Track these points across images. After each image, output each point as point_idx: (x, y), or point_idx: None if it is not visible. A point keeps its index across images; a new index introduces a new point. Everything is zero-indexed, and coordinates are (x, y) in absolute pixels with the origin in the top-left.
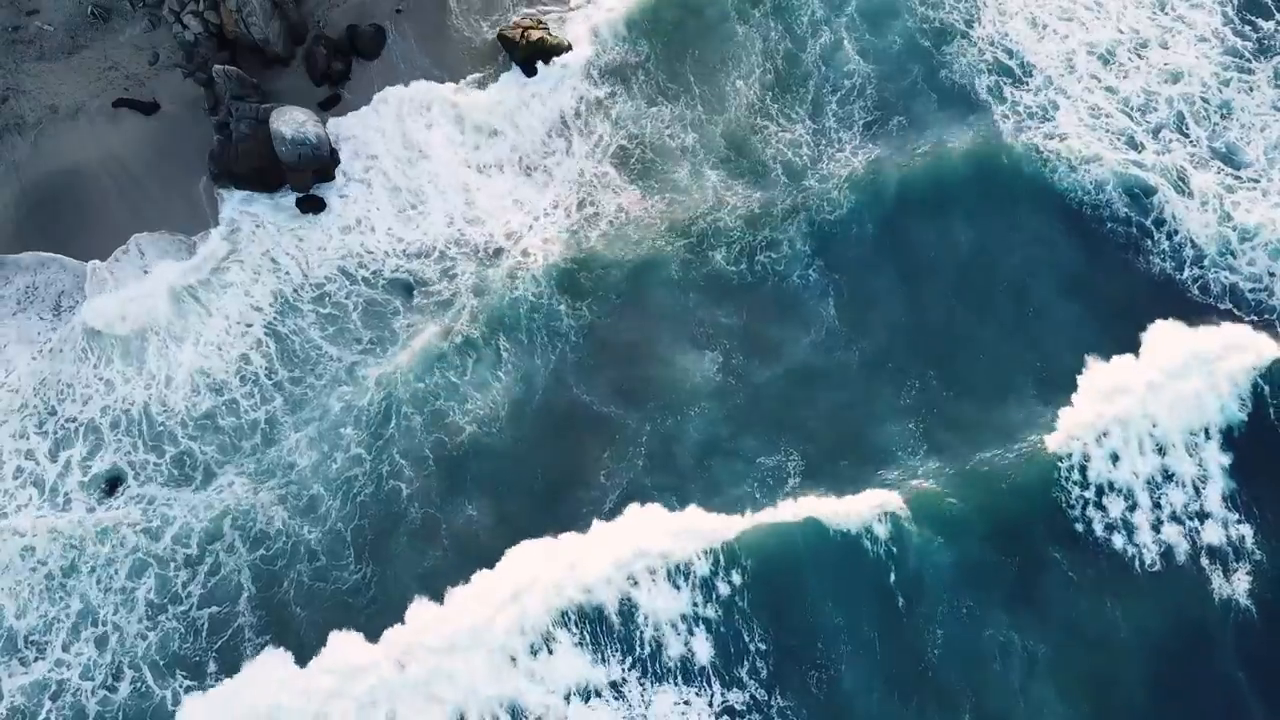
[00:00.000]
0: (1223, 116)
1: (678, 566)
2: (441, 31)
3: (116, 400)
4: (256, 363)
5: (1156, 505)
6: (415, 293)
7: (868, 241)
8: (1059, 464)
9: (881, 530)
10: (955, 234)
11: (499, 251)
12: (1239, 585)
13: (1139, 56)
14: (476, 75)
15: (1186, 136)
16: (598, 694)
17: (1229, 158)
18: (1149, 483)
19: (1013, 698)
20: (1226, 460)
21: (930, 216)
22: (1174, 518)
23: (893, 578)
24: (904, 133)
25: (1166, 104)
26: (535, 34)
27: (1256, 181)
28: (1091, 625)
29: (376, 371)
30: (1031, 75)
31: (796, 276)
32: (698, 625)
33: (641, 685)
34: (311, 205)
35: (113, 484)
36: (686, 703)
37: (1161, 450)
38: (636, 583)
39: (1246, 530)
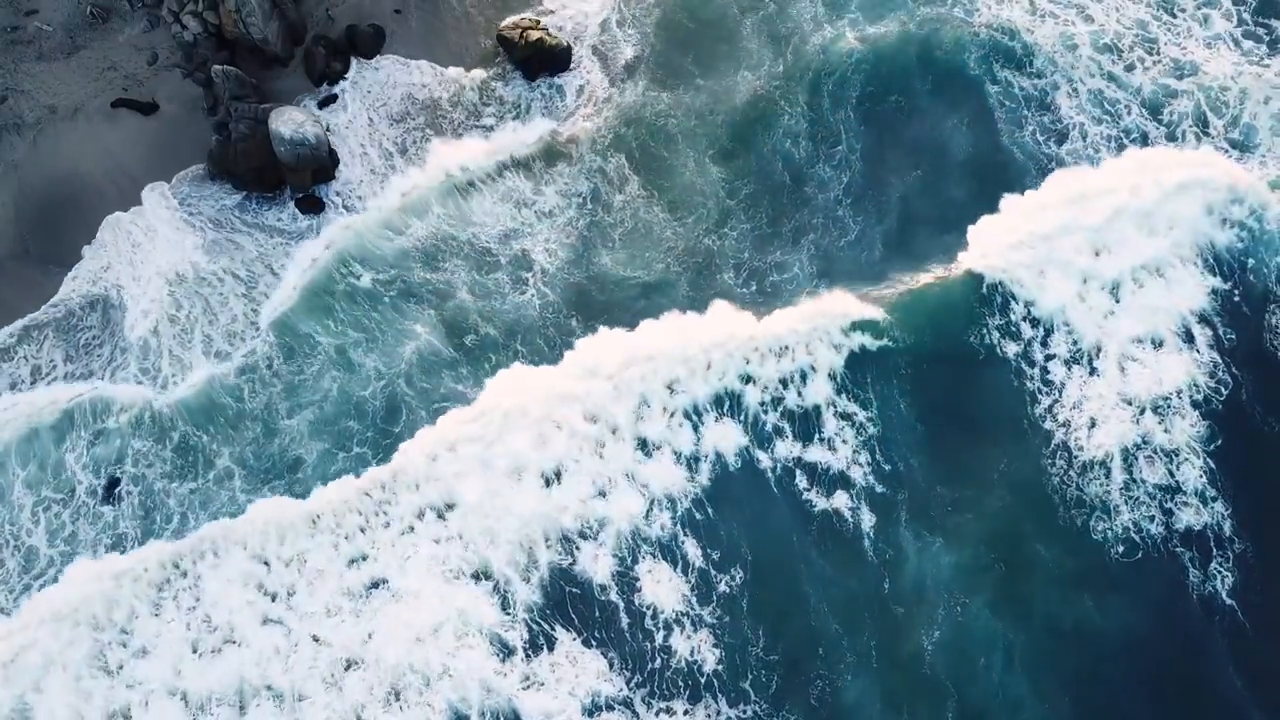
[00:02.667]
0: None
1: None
2: (440, 32)
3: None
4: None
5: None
6: (411, 298)
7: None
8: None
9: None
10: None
11: (499, 258)
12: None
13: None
14: (478, 72)
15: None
16: None
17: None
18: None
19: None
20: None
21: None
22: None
23: None
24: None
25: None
26: (534, 34)
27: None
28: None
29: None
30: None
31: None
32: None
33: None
34: (310, 206)
35: (112, 484)
36: None
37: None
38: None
39: None
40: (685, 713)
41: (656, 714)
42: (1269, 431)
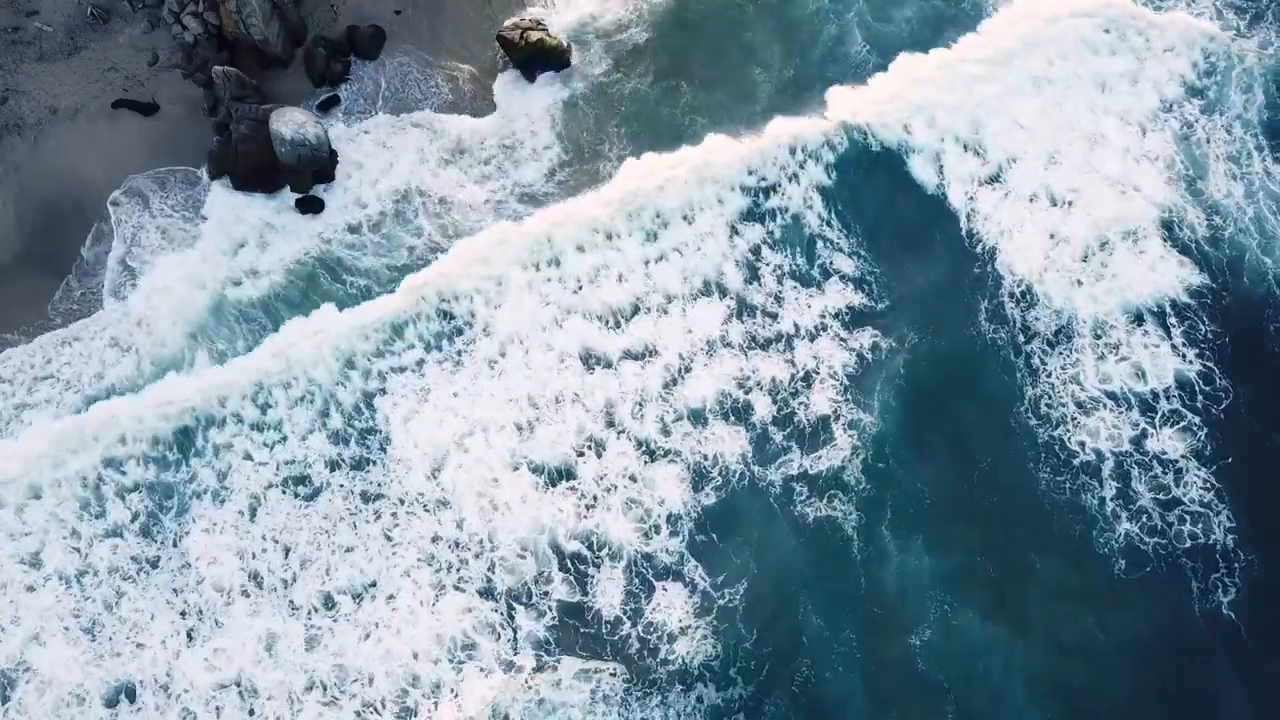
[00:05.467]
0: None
1: None
2: (439, 33)
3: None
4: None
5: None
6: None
7: None
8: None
9: None
10: None
11: None
12: None
13: None
14: (478, 72)
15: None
16: None
17: None
18: None
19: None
20: None
21: None
22: None
23: None
24: None
25: None
26: (534, 35)
27: None
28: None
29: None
30: None
31: None
32: None
33: None
34: (311, 206)
35: None
36: None
37: None
38: None
39: None
40: None
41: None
42: (1270, 442)
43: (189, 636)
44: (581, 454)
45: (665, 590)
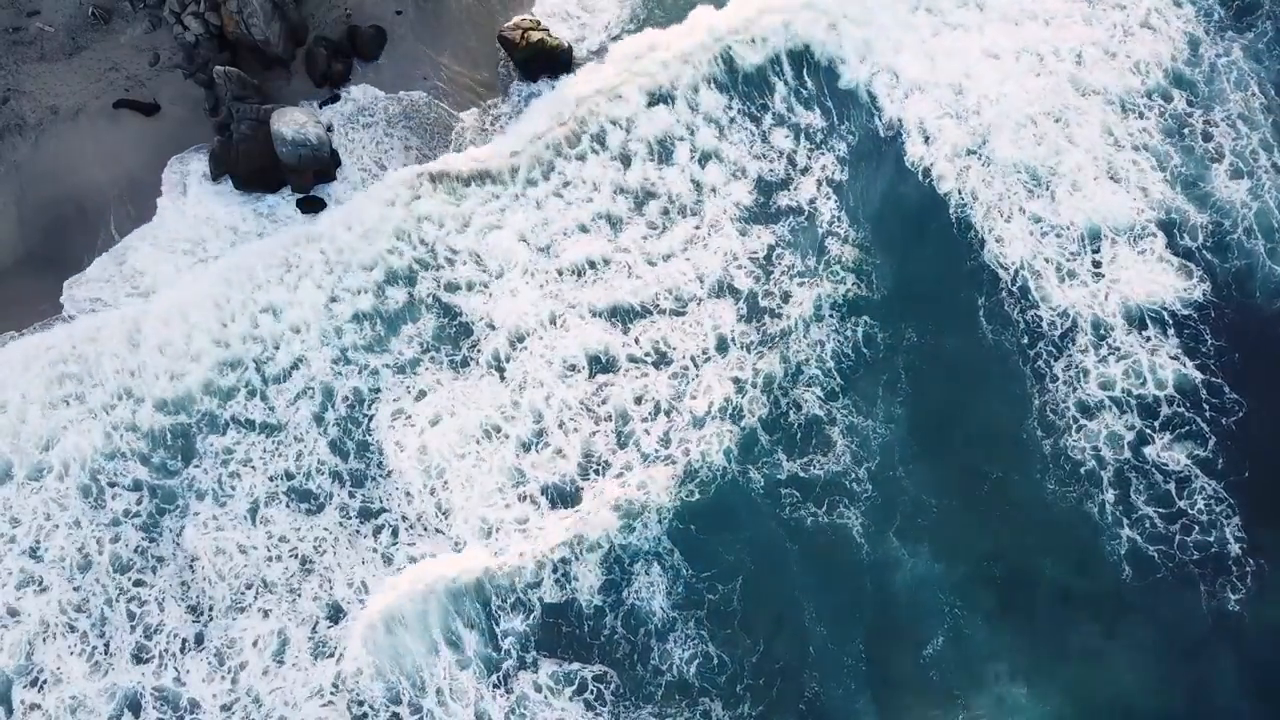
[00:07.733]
0: None
1: None
2: (440, 34)
3: None
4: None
5: None
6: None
7: None
8: None
9: None
10: None
11: None
12: None
13: None
14: (480, 73)
15: None
16: None
17: None
18: None
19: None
20: None
21: None
22: None
23: None
24: None
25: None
26: (535, 35)
27: None
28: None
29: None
30: None
31: None
32: None
33: None
34: (312, 206)
35: None
36: None
37: None
38: None
39: None
40: None
41: None
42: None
43: (197, 640)
44: (586, 475)
45: (658, 587)
